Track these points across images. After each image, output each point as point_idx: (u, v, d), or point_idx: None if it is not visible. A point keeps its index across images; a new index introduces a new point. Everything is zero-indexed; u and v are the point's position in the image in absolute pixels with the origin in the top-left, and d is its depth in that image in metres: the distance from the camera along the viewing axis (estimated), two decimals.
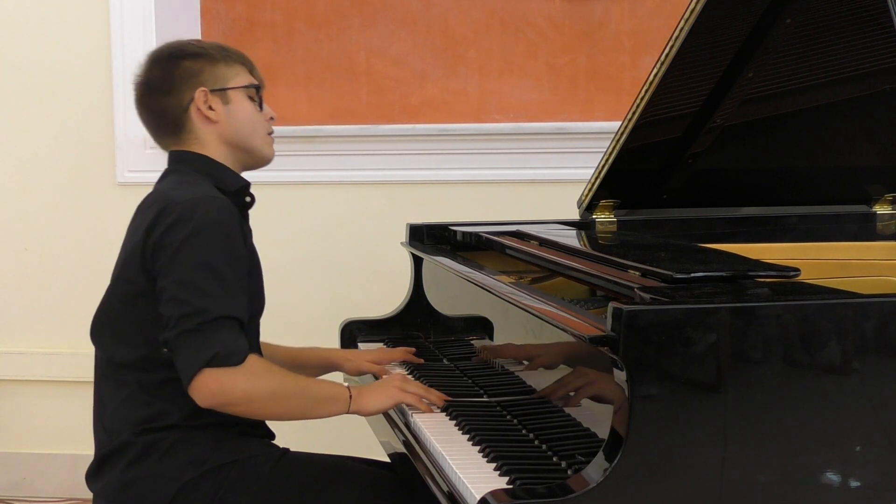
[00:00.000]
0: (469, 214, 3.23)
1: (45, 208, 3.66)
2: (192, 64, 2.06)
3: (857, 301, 1.59)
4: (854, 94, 2.50)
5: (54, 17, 3.59)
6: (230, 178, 2.07)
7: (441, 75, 3.59)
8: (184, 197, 1.93)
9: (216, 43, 2.15)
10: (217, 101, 2.06)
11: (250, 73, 2.13)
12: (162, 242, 1.89)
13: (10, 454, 3.72)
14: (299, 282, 3.58)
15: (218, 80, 2.07)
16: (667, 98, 2.38)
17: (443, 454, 1.76)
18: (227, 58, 2.10)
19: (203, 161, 2.07)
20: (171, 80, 2.06)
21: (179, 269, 1.87)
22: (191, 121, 2.07)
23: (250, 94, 2.11)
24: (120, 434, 1.94)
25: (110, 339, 2.01)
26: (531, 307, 1.82)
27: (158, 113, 2.09)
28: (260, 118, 2.13)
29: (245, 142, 2.10)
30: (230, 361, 1.83)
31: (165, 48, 2.12)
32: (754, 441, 1.51)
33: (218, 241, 1.89)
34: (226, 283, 1.87)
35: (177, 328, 1.84)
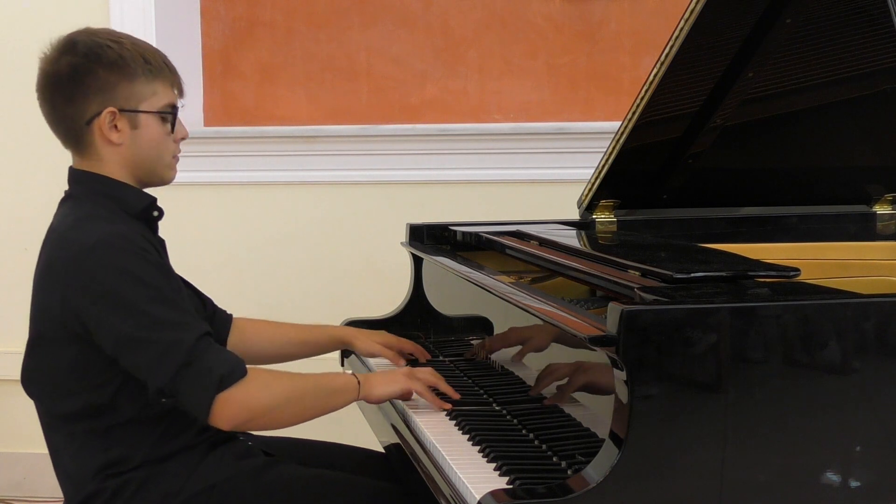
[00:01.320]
0: (469, 214, 3.23)
1: (45, 209, 3.64)
2: (108, 75, 1.84)
3: (857, 301, 1.59)
4: (854, 94, 2.50)
5: (54, 17, 3.58)
6: (133, 199, 1.90)
7: (441, 75, 3.59)
8: (90, 240, 1.78)
9: (138, 49, 1.89)
10: (125, 122, 1.86)
11: (171, 88, 1.91)
12: (88, 297, 1.76)
13: (10, 454, 3.72)
14: (299, 282, 3.58)
15: (131, 100, 1.86)
16: (667, 98, 2.38)
17: (443, 454, 1.76)
18: (149, 72, 1.87)
19: (102, 182, 1.90)
20: (78, 84, 1.85)
21: (127, 315, 1.74)
22: (91, 136, 1.88)
23: (164, 117, 1.90)
24: (85, 483, 1.85)
25: (47, 393, 1.90)
26: (531, 307, 1.82)
27: (57, 117, 1.90)
28: (167, 142, 1.92)
29: (147, 166, 1.91)
30: (236, 377, 1.75)
31: (83, 42, 1.87)
32: (754, 441, 1.51)
33: (147, 275, 1.76)
34: (178, 306, 1.78)
35: (166, 371, 1.73)
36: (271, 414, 1.80)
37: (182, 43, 3.64)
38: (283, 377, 1.85)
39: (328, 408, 1.89)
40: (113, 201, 1.89)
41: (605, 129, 3.06)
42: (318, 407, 1.88)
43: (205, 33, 3.68)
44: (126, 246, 1.78)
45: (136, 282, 1.76)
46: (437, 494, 1.71)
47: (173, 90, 1.92)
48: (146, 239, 1.86)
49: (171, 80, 1.92)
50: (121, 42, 1.87)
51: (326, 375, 1.94)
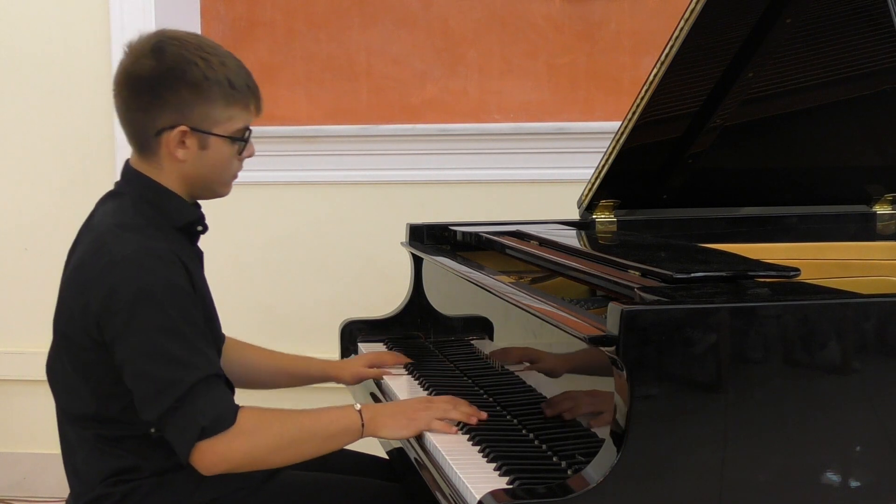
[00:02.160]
0: (469, 214, 3.24)
1: (45, 209, 3.66)
2: (188, 94, 1.81)
3: (857, 301, 1.59)
4: (854, 94, 2.50)
5: (54, 17, 3.58)
6: (179, 212, 1.88)
7: (441, 75, 3.59)
8: (121, 253, 1.76)
9: (225, 70, 1.84)
10: (194, 141, 1.83)
11: (249, 111, 1.88)
12: (108, 310, 1.74)
13: (10, 454, 3.72)
14: (299, 282, 3.58)
15: (205, 122, 1.83)
16: (667, 98, 2.38)
17: (443, 454, 1.76)
18: (230, 96, 1.83)
19: (153, 189, 1.87)
20: (155, 97, 1.82)
21: (137, 340, 1.72)
22: (157, 146, 1.84)
23: (238, 139, 1.88)
24: (94, 485, 1.86)
25: (62, 391, 1.89)
26: (531, 307, 1.82)
27: (128, 118, 1.87)
28: (232, 164, 1.89)
29: (205, 183, 1.90)
30: (219, 428, 1.71)
31: (172, 53, 1.81)
32: (754, 441, 1.51)
33: (167, 302, 1.73)
34: (190, 341, 1.73)
35: (156, 408, 1.72)
36: (255, 463, 1.78)
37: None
38: (273, 424, 1.78)
39: (325, 451, 1.85)
40: (158, 211, 1.87)
41: (605, 129, 3.06)
42: (313, 452, 1.83)
43: (205, 33, 3.67)
44: (155, 266, 1.75)
45: (155, 307, 1.73)
46: (438, 494, 1.71)
47: (251, 112, 1.88)
48: (181, 255, 1.82)
49: (251, 102, 1.88)
50: (208, 60, 1.82)
51: (325, 415, 1.86)
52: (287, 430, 1.80)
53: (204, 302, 1.89)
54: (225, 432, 1.72)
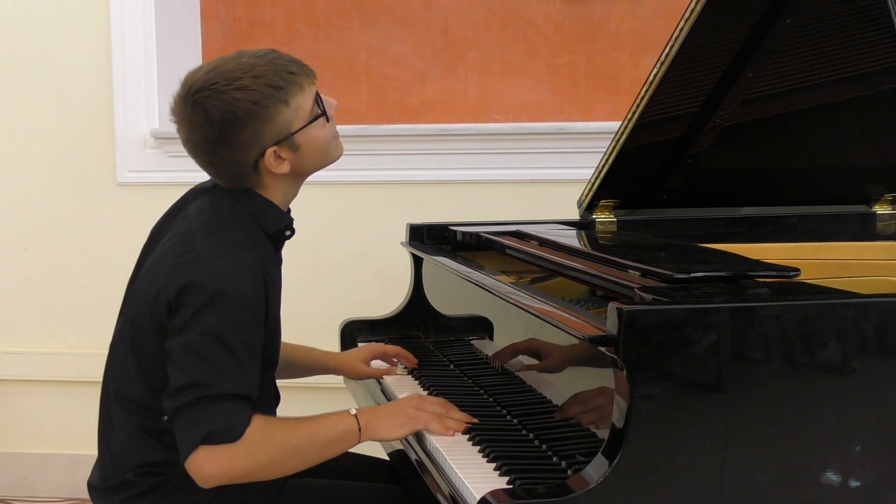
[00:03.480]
0: (469, 214, 3.23)
1: (45, 208, 3.66)
2: (252, 126, 1.82)
3: (857, 301, 1.59)
4: (854, 94, 2.50)
5: (54, 17, 3.59)
6: (273, 222, 1.92)
7: (441, 75, 3.59)
8: (208, 253, 1.78)
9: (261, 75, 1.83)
10: (287, 151, 1.87)
11: (307, 87, 1.87)
12: (177, 303, 1.76)
13: (10, 454, 3.72)
14: (299, 282, 3.57)
15: (283, 130, 1.84)
16: (667, 98, 2.38)
17: (443, 454, 1.76)
18: (284, 96, 1.84)
19: (253, 200, 1.90)
20: (230, 148, 1.83)
21: (189, 335, 1.74)
22: (259, 175, 1.88)
23: (316, 115, 1.89)
24: (126, 470, 1.87)
25: (118, 373, 1.91)
26: (531, 307, 1.82)
27: (218, 172, 1.90)
28: (328, 133, 1.92)
29: (318, 167, 1.96)
30: (225, 438, 1.72)
31: (213, 106, 1.81)
32: (754, 441, 1.51)
33: (233, 313, 1.75)
34: (236, 357, 1.75)
35: (176, 399, 1.74)
36: (253, 475, 1.78)
37: (182, 43, 3.64)
38: (276, 437, 1.79)
39: (324, 458, 1.86)
40: (253, 216, 1.89)
41: (605, 129, 3.06)
42: (312, 460, 1.84)
43: (205, 33, 3.68)
44: (235, 277, 1.76)
45: (219, 314, 1.74)
46: (438, 494, 1.71)
47: (310, 86, 1.88)
48: (265, 266, 1.83)
49: (304, 81, 1.87)
50: (244, 85, 1.82)
51: (324, 423, 1.86)
52: (288, 444, 1.80)
53: (274, 314, 1.89)
54: (230, 444, 1.73)
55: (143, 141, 3.56)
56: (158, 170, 3.55)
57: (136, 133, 3.56)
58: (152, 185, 3.53)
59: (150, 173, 3.57)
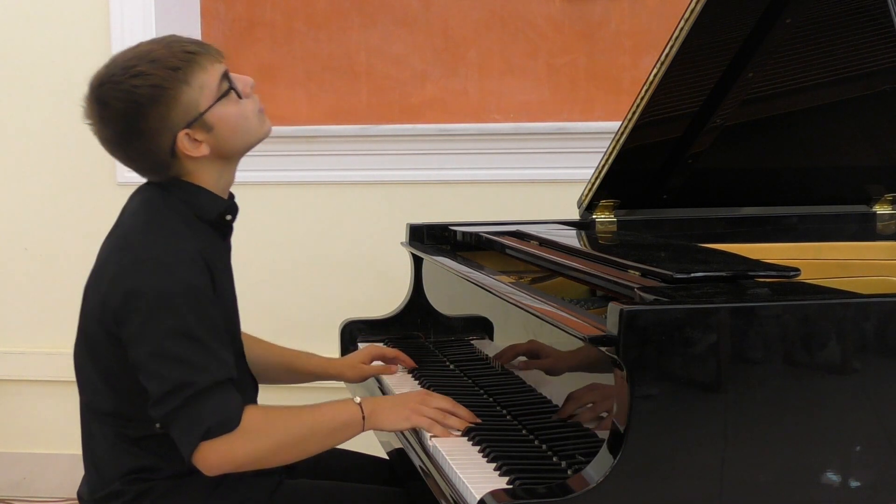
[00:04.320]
0: (469, 214, 3.23)
1: (45, 208, 3.66)
2: (156, 111, 1.78)
3: (857, 301, 1.59)
4: (854, 94, 2.50)
5: (54, 17, 3.59)
6: (209, 206, 1.89)
7: (441, 75, 3.59)
8: (146, 253, 1.77)
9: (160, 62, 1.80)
10: (200, 132, 1.82)
11: (211, 64, 1.83)
12: (125, 311, 1.75)
13: (10, 454, 3.72)
14: (299, 282, 3.58)
15: (190, 111, 1.80)
16: (667, 98, 2.38)
17: (443, 454, 1.76)
18: (184, 77, 1.80)
19: (182, 188, 1.87)
20: (138, 137, 1.81)
21: (152, 342, 1.73)
22: (179, 161, 1.85)
23: (224, 92, 1.84)
24: (111, 481, 1.87)
25: (86, 386, 1.91)
26: (531, 307, 1.82)
27: (139, 165, 1.88)
28: (244, 108, 1.86)
29: (241, 146, 1.90)
30: (224, 430, 1.72)
31: (113, 95, 1.80)
32: (754, 441, 1.51)
33: (185, 306, 1.73)
34: (205, 346, 1.74)
35: (164, 406, 1.73)
36: (257, 463, 1.79)
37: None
38: (278, 423, 1.79)
39: (328, 445, 1.86)
40: (189, 206, 1.87)
41: (605, 129, 3.06)
42: (315, 448, 1.85)
43: (205, 33, 3.68)
44: (177, 269, 1.75)
45: (172, 311, 1.73)
46: (438, 495, 1.71)
47: (213, 65, 1.84)
48: (206, 255, 1.82)
49: (204, 59, 1.83)
50: (141, 71, 1.79)
51: (328, 410, 1.86)
52: (290, 429, 1.81)
53: (225, 303, 1.89)
54: (230, 434, 1.73)
55: None
56: None
57: None
58: None
59: None
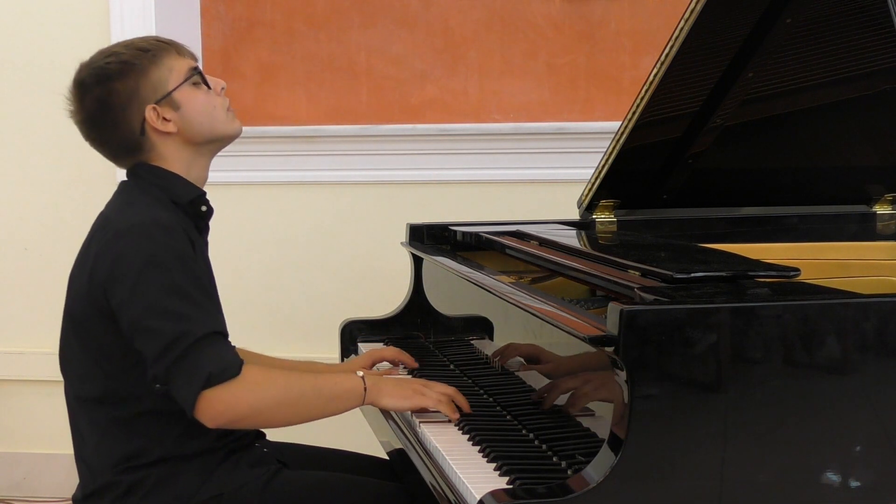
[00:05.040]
0: (469, 214, 3.24)
1: (45, 208, 3.66)
2: (125, 84, 1.90)
3: (857, 301, 1.59)
4: (854, 94, 2.50)
5: (54, 17, 3.59)
6: (182, 191, 1.94)
7: (441, 75, 3.59)
8: (125, 224, 1.83)
9: (132, 46, 1.95)
10: (167, 110, 1.92)
11: (181, 57, 1.96)
12: (114, 278, 1.80)
13: (10, 454, 3.72)
14: (299, 282, 3.58)
15: (158, 89, 1.91)
16: (667, 98, 2.38)
17: (443, 454, 1.76)
18: (153, 57, 1.92)
19: (155, 172, 1.94)
20: (111, 108, 1.91)
21: (144, 301, 1.77)
22: (149, 140, 1.93)
23: (194, 80, 1.95)
24: (103, 473, 1.88)
25: (74, 375, 1.93)
26: (531, 307, 1.82)
27: (114, 143, 1.96)
28: (214, 100, 1.97)
29: (208, 134, 1.97)
30: (226, 377, 1.75)
31: (87, 75, 1.94)
32: (754, 441, 1.51)
33: (172, 264, 1.79)
34: (196, 300, 1.79)
35: (163, 361, 1.75)
36: (259, 416, 1.81)
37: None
38: (278, 379, 1.84)
39: (327, 412, 1.88)
40: (163, 191, 1.93)
41: (605, 129, 3.06)
42: (316, 411, 1.87)
43: (205, 33, 3.68)
44: (157, 233, 1.81)
45: (158, 270, 1.78)
46: (438, 495, 1.71)
47: (184, 57, 1.97)
48: (183, 227, 1.88)
49: (174, 50, 1.96)
50: (115, 52, 1.94)
51: (330, 378, 1.93)
52: (291, 386, 1.84)
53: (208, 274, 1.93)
54: (230, 382, 1.75)
55: None
56: None
57: None
58: None
59: None
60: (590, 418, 1.69)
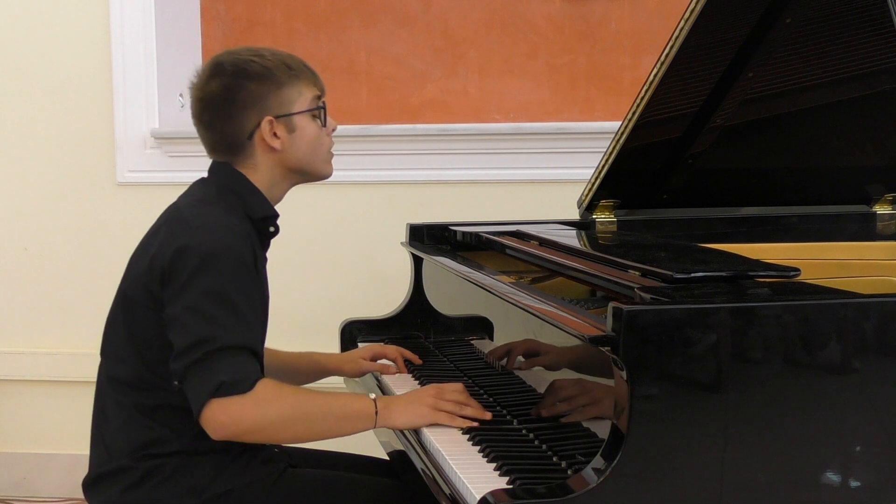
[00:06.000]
0: (469, 214, 3.24)
1: (45, 208, 3.66)
2: (258, 87, 1.93)
3: (857, 301, 1.59)
4: (854, 94, 2.50)
5: (54, 17, 3.59)
6: (258, 206, 1.97)
7: (441, 75, 3.59)
8: (198, 221, 1.86)
9: (278, 57, 1.98)
10: (282, 128, 1.95)
11: (314, 87, 2.01)
12: (172, 268, 1.81)
13: (10, 454, 3.72)
14: (299, 282, 3.58)
15: (283, 106, 1.95)
16: (667, 98, 2.38)
17: (443, 454, 1.76)
18: (293, 76, 1.96)
19: (239, 181, 1.96)
20: (233, 103, 1.93)
21: (189, 297, 1.79)
22: (252, 147, 1.95)
23: (315, 112, 2.00)
24: (120, 456, 1.89)
25: (112, 354, 1.95)
26: (531, 307, 1.82)
27: (218, 133, 1.97)
28: (323, 138, 2.02)
29: (306, 166, 2.01)
30: (237, 389, 1.74)
31: (228, 62, 1.96)
32: (754, 441, 1.51)
33: (229, 270, 1.80)
34: (238, 311, 1.79)
35: (184, 359, 1.77)
36: (263, 432, 1.80)
37: (182, 43, 3.64)
38: (289, 397, 1.82)
39: (336, 433, 1.87)
40: (239, 199, 1.95)
41: (605, 129, 3.06)
42: (323, 431, 1.87)
43: (205, 33, 3.68)
44: (226, 237, 1.83)
45: (215, 272, 1.79)
46: (438, 495, 1.71)
47: (317, 88, 2.01)
48: (251, 239, 1.90)
49: (312, 80, 2.00)
50: (262, 55, 1.97)
51: (342, 398, 1.91)
52: (301, 405, 1.84)
53: (262, 290, 1.95)
54: (240, 395, 1.75)
55: (143, 141, 3.56)
56: (158, 170, 3.55)
57: (136, 133, 3.56)
58: (152, 185, 3.53)
59: (150, 173, 3.57)
60: (590, 418, 1.69)
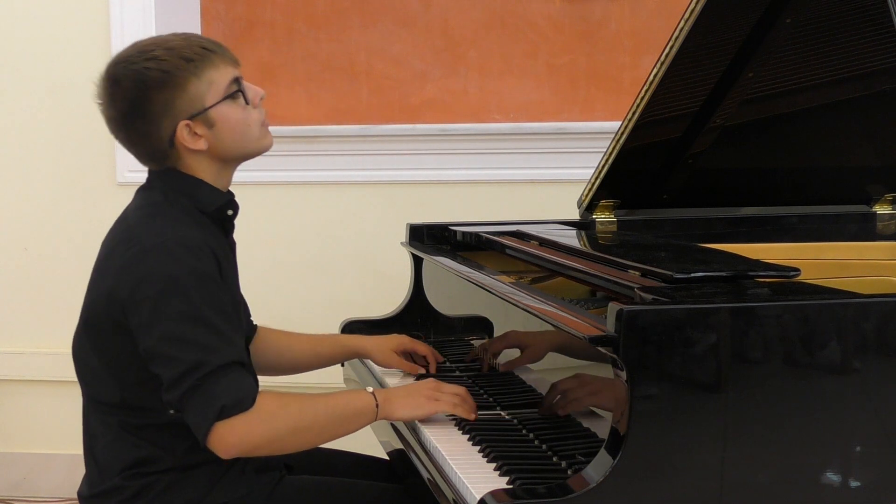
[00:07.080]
0: (469, 214, 3.23)
1: (45, 208, 3.66)
2: (161, 95, 1.82)
3: (857, 301, 1.59)
4: (854, 94, 2.50)
5: (54, 17, 3.59)
6: (208, 199, 1.90)
7: (441, 75, 3.59)
8: (150, 241, 1.78)
9: (173, 51, 1.85)
10: (201, 126, 1.85)
11: (224, 66, 1.87)
12: (134, 298, 1.76)
13: (10, 454, 3.72)
14: (299, 282, 3.58)
15: (195, 103, 1.84)
16: (667, 98, 2.38)
17: (443, 454, 1.76)
18: (195, 69, 1.84)
19: (181, 179, 1.90)
20: (142, 117, 1.85)
21: (162, 327, 1.74)
22: (178, 152, 1.87)
23: (232, 93, 1.88)
24: (111, 475, 1.86)
25: (89, 380, 1.91)
26: (531, 307, 1.82)
27: (139, 148, 1.90)
28: (249, 115, 1.90)
29: (240, 151, 1.93)
30: (239, 409, 1.72)
31: (124, 75, 1.85)
32: (754, 441, 1.51)
33: (193, 290, 1.75)
34: (216, 328, 1.75)
35: (177, 390, 1.73)
36: (272, 445, 1.79)
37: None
38: (292, 407, 1.80)
39: (342, 433, 1.86)
40: (188, 199, 1.89)
41: (605, 129, 3.06)
42: (330, 433, 1.85)
43: (205, 33, 3.67)
44: (182, 255, 1.77)
45: (180, 296, 1.74)
46: (438, 495, 1.71)
47: (227, 65, 1.88)
48: (210, 245, 1.83)
49: (219, 60, 1.87)
50: (156, 56, 1.84)
51: (341, 398, 1.89)
52: (305, 413, 1.81)
53: (231, 292, 1.90)
54: (244, 414, 1.73)
55: None
56: None
57: None
58: None
59: None
60: (590, 418, 1.69)
